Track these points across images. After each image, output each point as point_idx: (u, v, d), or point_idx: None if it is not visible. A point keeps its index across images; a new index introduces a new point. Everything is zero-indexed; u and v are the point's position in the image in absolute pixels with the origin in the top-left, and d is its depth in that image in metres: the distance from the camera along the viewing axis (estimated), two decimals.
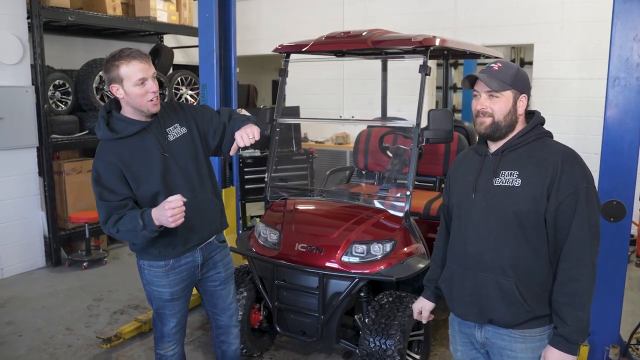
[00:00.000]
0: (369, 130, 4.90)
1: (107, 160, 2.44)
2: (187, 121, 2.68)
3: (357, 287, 3.23)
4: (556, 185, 1.90)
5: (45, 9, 5.50)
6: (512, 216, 1.95)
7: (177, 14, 7.13)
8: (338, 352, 3.85)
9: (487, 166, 2.07)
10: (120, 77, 2.40)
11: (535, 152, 2.00)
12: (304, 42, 3.80)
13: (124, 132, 2.47)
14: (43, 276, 5.53)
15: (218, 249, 2.82)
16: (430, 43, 3.39)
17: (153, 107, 2.48)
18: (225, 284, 2.88)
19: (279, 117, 3.98)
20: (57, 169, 5.87)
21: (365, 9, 8.10)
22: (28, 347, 4.00)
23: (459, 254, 2.12)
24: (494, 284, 2.00)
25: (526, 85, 2.05)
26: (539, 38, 6.82)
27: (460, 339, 2.24)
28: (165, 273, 2.63)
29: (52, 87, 5.87)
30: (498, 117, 2.00)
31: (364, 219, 3.46)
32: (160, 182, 2.50)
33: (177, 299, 2.71)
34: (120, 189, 2.43)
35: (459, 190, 2.15)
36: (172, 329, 2.76)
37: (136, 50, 2.44)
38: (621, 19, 3.12)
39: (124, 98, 2.45)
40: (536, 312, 1.98)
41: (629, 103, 3.16)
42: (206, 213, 2.67)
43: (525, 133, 2.03)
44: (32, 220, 5.68)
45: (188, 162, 2.62)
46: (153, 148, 2.51)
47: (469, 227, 2.08)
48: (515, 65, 2.07)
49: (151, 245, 2.55)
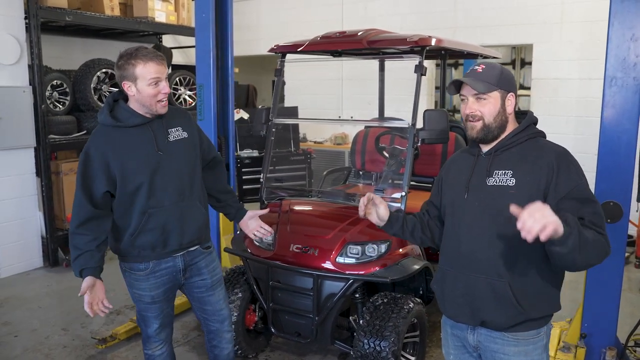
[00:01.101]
0: (366, 131, 4.88)
1: (99, 147, 2.47)
2: (190, 128, 2.71)
3: (352, 288, 3.21)
4: (554, 184, 1.89)
5: (42, 9, 5.50)
6: (507, 216, 1.90)
7: (175, 14, 7.12)
8: (333, 353, 3.83)
9: (480, 166, 2.05)
10: (135, 76, 2.42)
11: (529, 151, 1.99)
12: (300, 42, 3.78)
13: (125, 121, 2.50)
14: (40, 276, 5.52)
15: (202, 255, 2.77)
16: (425, 43, 3.37)
17: (161, 109, 2.51)
18: (212, 290, 2.84)
19: (274, 118, 3.95)
20: (54, 169, 5.87)
21: (364, 9, 8.09)
22: (23, 348, 3.99)
23: (452, 253, 2.10)
24: (487, 285, 1.97)
25: (512, 84, 2.04)
26: (538, 38, 6.80)
27: (452, 342, 2.21)
28: (145, 276, 2.61)
29: (49, 87, 5.87)
30: (488, 119, 1.99)
31: (359, 220, 3.43)
32: (147, 176, 2.50)
33: (159, 302, 2.69)
34: (100, 180, 2.45)
35: (452, 190, 2.14)
36: (155, 330, 2.74)
37: (152, 51, 2.48)
38: (618, 18, 3.09)
39: (134, 96, 2.47)
40: (530, 314, 1.95)
41: (626, 103, 3.13)
42: (189, 218, 2.64)
43: (517, 133, 2.02)
44: (29, 220, 5.68)
45: (182, 165, 2.62)
46: (148, 143, 2.52)
47: (462, 226, 2.06)
48: (498, 65, 2.06)
49: (130, 245, 2.55)
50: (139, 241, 2.55)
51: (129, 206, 2.52)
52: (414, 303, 3.25)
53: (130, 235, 2.54)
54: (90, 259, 2.46)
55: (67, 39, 6.73)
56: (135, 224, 2.52)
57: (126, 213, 2.53)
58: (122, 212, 2.54)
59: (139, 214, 2.51)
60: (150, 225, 2.53)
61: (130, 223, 2.53)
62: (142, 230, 2.53)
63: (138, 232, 2.53)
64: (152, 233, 2.54)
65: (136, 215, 2.52)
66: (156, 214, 2.53)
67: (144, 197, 2.50)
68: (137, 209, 2.51)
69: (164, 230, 2.55)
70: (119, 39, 7.30)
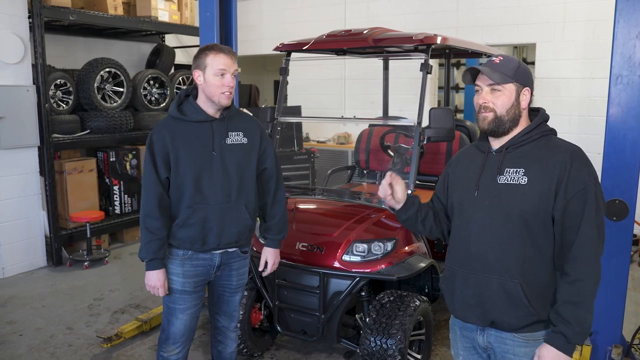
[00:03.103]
0: (370, 130, 4.89)
1: (160, 133, 2.61)
2: (252, 136, 2.75)
3: (358, 286, 3.22)
4: (564, 183, 1.85)
5: (46, 9, 5.51)
6: (519, 215, 1.90)
7: (178, 13, 7.13)
8: (339, 351, 3.84)
9: (490, 163, 2.01)
10: (205, 64, 2.55)
11: (541, 149, 1.95)
12: (305, 41, 3.79)
13: (189, 116, 2.62)
14: (44, 276, 5.52)
15: (238, 258, 2.83)
16: (431, 41, 3.38)
17: (224, 100, 2.59)
18: (234, 293, 2.90)
19: (279, 116, 3.96)
20: (58, 168, 5.87)
21: (367, 9, 8.09)
22: (28, 347, 3.99)
23: (461, 253, 2.05)
24: (499, 285, 1.94)
25: (529, 78, 1.99)
26: (541, 37, 6.80)
27: (462, 343, 2.17)
28: (181, 262, 2.68)
29: (53, 86, 5.86)
30: (500, 111, 1.95)
31: (365, 218, 3.45)
32: (197, 172, 2.60)
33: (189, 293, 2.72)
34: (161, 164, 2.59)
35: (460, 188, 2.09)
36: (178, 328, 2.74)
37: (227, 47, 2.61)
38: (624, 16, 3.10)
39: (201, 85, 2.59)
40: (540, 315, 1.93)
41: (631, 101, 3.14)
42: (230, 221, 2.67)
43: (530, 130, 1.98)
44: (33, 219, 5.68)
45: (234, 169, 2.67)
46: (206, 141, 2.62)
47: (472, 226, 2.01)
48: (516, 59, 2.03)
49: (172, 235, 2.65)
50: (181, 233, 2.64)
51: (180, 197, 2.62)
52: (420, 301, 3.26)
53: (176, 225, 2.63)
54: (161, 248, 2.60)
55: (70, 38, 6.73)
56: (182, 216, 2.62)
57: (177, 203, 2.63)
58: (174, 202, 2.64)
59: (186, 207, 2.61)
60: (192, 220, 2.61)
61: (178, 214, 2.63)
62: (186, 223, 2.62)
63: (182, 224, 2.62)
64: (193, 228, 2.62)
65: (183, 207, 2.62)
66: (200, 210, 2.62)
67: (191, 191, 2.60)
68: (185, 201, 2.61)
69: (204, 227, 2.63)
70: (122, 38, 7.30)
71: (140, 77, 6.76)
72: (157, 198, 2.58)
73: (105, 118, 6.16)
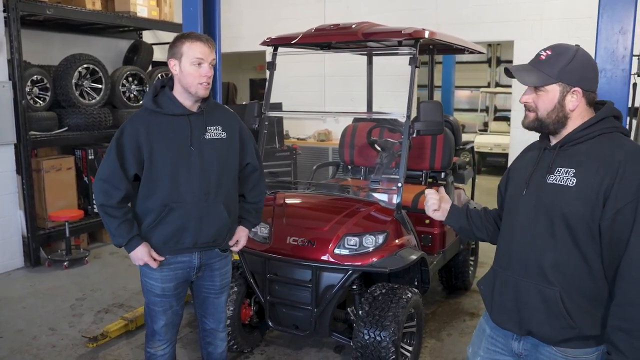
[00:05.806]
0: (354, 125, 4.89)
1: (134, 126, 2.48)
2: (232, 130, 2.66)
3: (350, 280, 3.22)
4: (615, 190, 1.65)
5: (22, 2, 5.35)
6: (561, 218, 1.74)
7: (157, 9, 7.02)
8: (329, 346, 3.84)
9: (544, 161, 1.85)
10: (181, 52, 2.43)
11: (598, 149, 1.74)
12: (294, 35, 3.77)
13: (165, 108, 2.50)
14: (22, 276, 5.38)
15: (218, 257, 2.74)
16: (420, 35, 3.40)
17: (202, 91, 2.48)
18: (219, 293, 2.82)
19: (267, 111, 3.94)
20: (35, 166, 5.72)
21: (347, 7, 8.12)
22: (10, 349, 3.88)
23: (504, 253, 1.94)
24: (537, 291, 1.80)
25: (581, 76, 1.76)
26: (519, 35, 6.93)
27: (486, 344, 2.03)
28: (159, 267, 2.58)
29: (29, 82, 5.71)
30: (542, 113, 1.80)
31: (356, 212, 3.46)
32: (174, 168, 2.49)
33: (168, 297, 2.65)
34: (130, 159, 2.46)
35: (514, 184, 1.96)
36: (162, 327, 2.70)
37: (205, 35, 2.51)
38: (607, 11, 3.17)
39: (177, 74, 2.47)
40: (582, 330, 1.75)
41: (615, 94, 3.21)
42: (209, 220, 2.58)
43: (588, 126, 1.77)
44: (9, 219, 5.52)
45: (214, 165, 2.57)
46: (183, 136, 2.50)
47: (515, 226, 1.90)
48: (571, 51, 1.78)
49: (145, 235, 2.54)
50: (155, 233, 2.52)
51: (152, 194, 2.50)
52: (412, 293, 3.28)
53: (148, 225, 2.52)
54: (132, 226, 2.49)
55: (46, 34, 6.56)
56: (155, 215, 2.51)
57: (148, 201, 2.51)
58: (145, 199, 2.52)
59: (160, 205, 2.49)
60: (168, 219, 2.51)
61: (151, 213, 2.51)
62: (160, 222, 2.51)
63: (156, 223, 2.51)
64: (168, 226, 2.51)
65: (157, 205, 2.50)
66: (177, 209, 2.51)
67: (167, 188, 2.48)
68: (159, 199, 2.49)
69: (180, 226, 2.52)
70: (100, 34, 7.16)
71: (118, 73, 6.64)
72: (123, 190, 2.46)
73: (83, 115, 6.02)
